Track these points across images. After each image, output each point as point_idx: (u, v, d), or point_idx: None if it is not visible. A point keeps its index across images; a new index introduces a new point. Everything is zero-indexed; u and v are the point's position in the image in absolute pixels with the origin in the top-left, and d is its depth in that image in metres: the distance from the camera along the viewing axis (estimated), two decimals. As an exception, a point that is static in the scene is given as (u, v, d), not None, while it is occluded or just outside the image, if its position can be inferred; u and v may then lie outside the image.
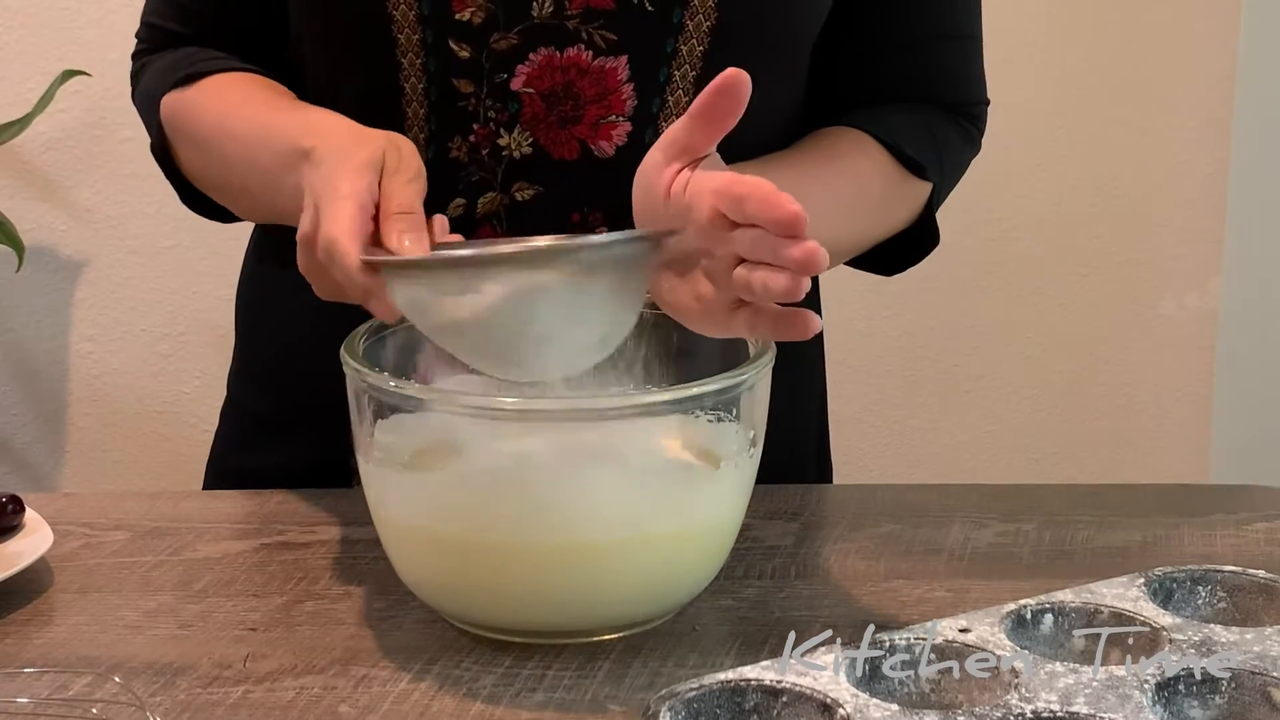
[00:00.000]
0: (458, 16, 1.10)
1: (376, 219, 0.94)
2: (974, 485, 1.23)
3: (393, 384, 0.94)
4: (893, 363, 2.45)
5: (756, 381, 0.96)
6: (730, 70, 0.89)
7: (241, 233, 1.30)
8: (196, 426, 2.38)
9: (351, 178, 0.95)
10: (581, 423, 0.93)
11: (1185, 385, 2.43)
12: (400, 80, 1.12)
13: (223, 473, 1.30)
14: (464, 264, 0.90)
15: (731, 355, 1.01)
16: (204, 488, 1.31)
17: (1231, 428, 2.40)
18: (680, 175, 0.92)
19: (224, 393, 1.32)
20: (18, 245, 2.20)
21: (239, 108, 1.13)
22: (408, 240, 0.92)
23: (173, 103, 1.17)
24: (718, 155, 0.93)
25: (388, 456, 0.96)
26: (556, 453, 0.94)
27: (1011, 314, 2.42)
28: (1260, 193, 2.33)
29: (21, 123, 2.20)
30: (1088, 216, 2.38)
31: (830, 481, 1.34)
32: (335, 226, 0.92)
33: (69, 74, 2.22)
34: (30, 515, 1.08)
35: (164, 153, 1.19)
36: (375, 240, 0.94)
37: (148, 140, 1.19)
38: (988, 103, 1.26)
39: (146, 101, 1.20)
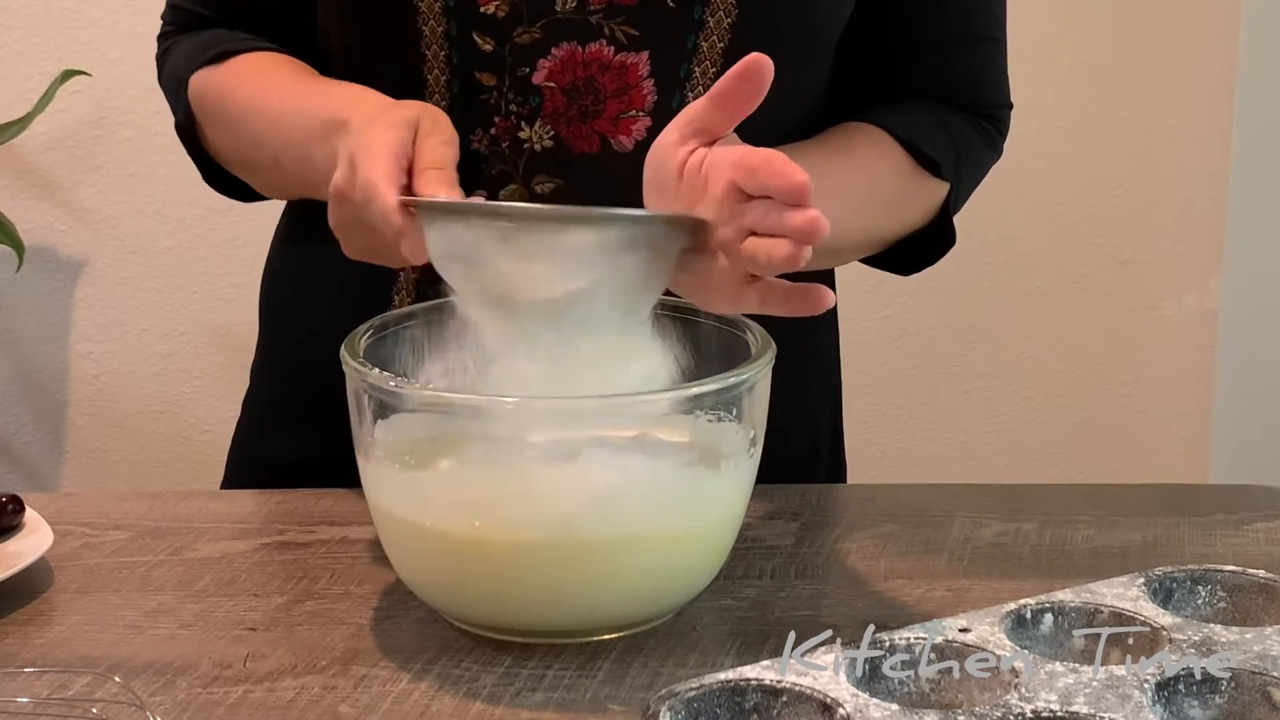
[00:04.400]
0: (482, 10, 1.11)
1: (410, 174, 0.96)
2: (974, 485, 1.23)
3: (393, 384, 0.94)
4: (892, 363, 2.45)
5: (757, 381, 0.96)
6: (753, 55, 0.89)
7: (242, 232, 1.30)
8: (196, 426, 2.38)
9: (386, 133, 0.97)
10: (582, 422, 0.93)
11: (1185, 385, 2.43)
12: (424, 72, 1.13)
13: (242, 463, 1.30)
14: (501, 214, 0.92)
15: (732, 355, 1.01)
16: (223, 480, 1.31)
17: (1231, 428, 2.40)
18: (695, 153, 0.93)
19: (224, 392, 1.33)
20: (18, 245, 2.20)
21: (272, 86, 1.14)
22: (441, 193, 0.94)
23: (202, 82, 1.18)
24: (735, 135, 0.94)
25: (388, 456, 0.96)
26: (557, 452, 0.94)
27: (1011, 314, 2.42)
28: (1260, 192, 2.33)
29: (21, 123, 2.20)
30: (1088, 216, 2.38)
31: (844, 480, 1.34)
32: (372, 169, 0.95)
33: (69, 74, 2.21)
34: (30, 515, 1.08)
35: (189, 131, 1.20)
36: (407, 193, 0.96)
37: (148, 140, 1.20)
38: (1010, 106, 1.26)
39: (174, 81, 1.21)
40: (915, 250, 1.22)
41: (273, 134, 1.12)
